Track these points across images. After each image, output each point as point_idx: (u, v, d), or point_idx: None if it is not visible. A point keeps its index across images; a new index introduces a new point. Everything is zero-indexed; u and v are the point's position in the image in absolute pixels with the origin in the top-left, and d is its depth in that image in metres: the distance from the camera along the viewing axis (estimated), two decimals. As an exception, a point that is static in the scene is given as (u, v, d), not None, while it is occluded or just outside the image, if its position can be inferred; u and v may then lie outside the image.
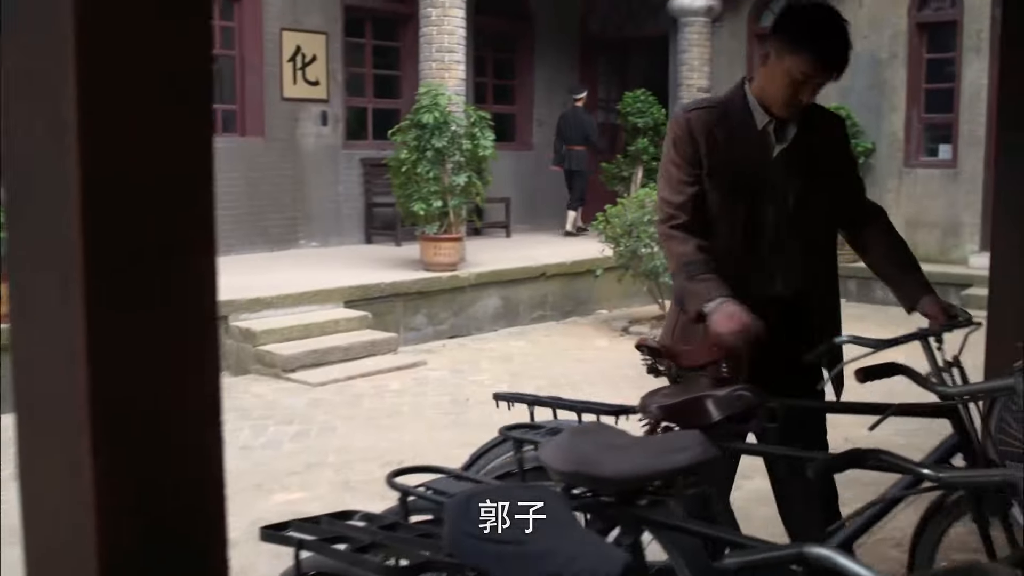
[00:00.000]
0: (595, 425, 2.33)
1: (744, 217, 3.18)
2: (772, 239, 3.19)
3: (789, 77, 3.04)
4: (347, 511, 2.22)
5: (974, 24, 12.33)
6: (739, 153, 3.17)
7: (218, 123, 11.90)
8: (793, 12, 3.15)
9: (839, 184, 3.32)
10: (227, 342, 8.35)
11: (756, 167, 3.18)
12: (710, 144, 3.15)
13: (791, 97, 3.09)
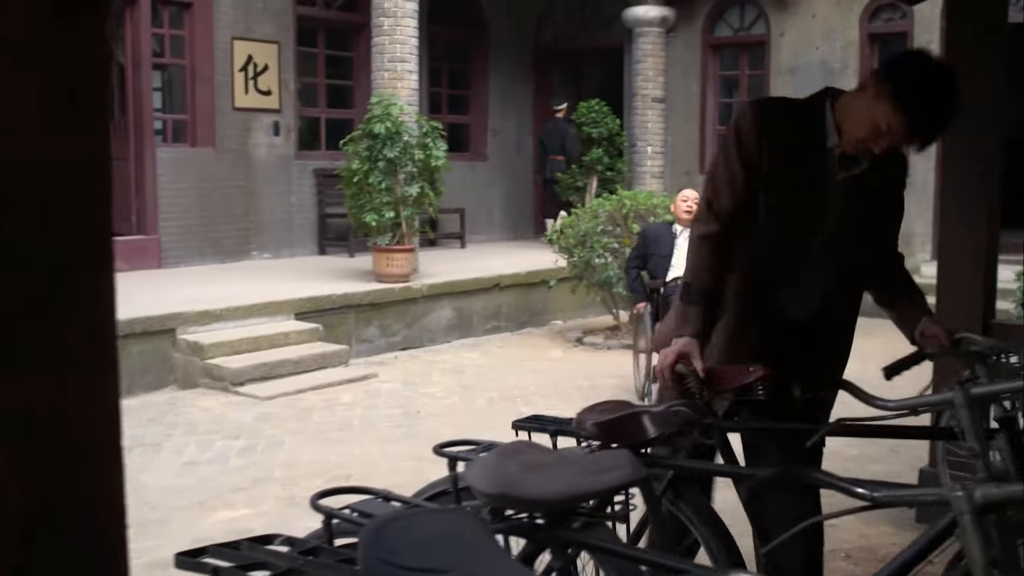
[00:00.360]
0: (523, 444, 2.28)
1: (787, 233, 3.02)
2: (809, 262, 3.03)
3: (874, 123, 2.79)
4: (268, 535, 2.15)
5: (924, 35, 12.43)
6: (803, 166, 2.97)
7: (168, 133, 11.78)
8: (914, 66, 2.83)
9: (886, 224, 3.20)
10: (175, 355, 8.23)
11: (815, 186, 2.98)
12: (776, 146, 2.94)
13: (866, 140, 2.86)
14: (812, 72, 13.43)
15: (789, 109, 3.05)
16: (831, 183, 2.97)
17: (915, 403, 2.71)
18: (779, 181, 2.94)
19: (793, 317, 3.06)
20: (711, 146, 14.62)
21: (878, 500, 1.94)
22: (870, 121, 2.80)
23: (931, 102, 2.75)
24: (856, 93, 2.89)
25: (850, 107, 2.89)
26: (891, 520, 5.02)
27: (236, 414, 7.38)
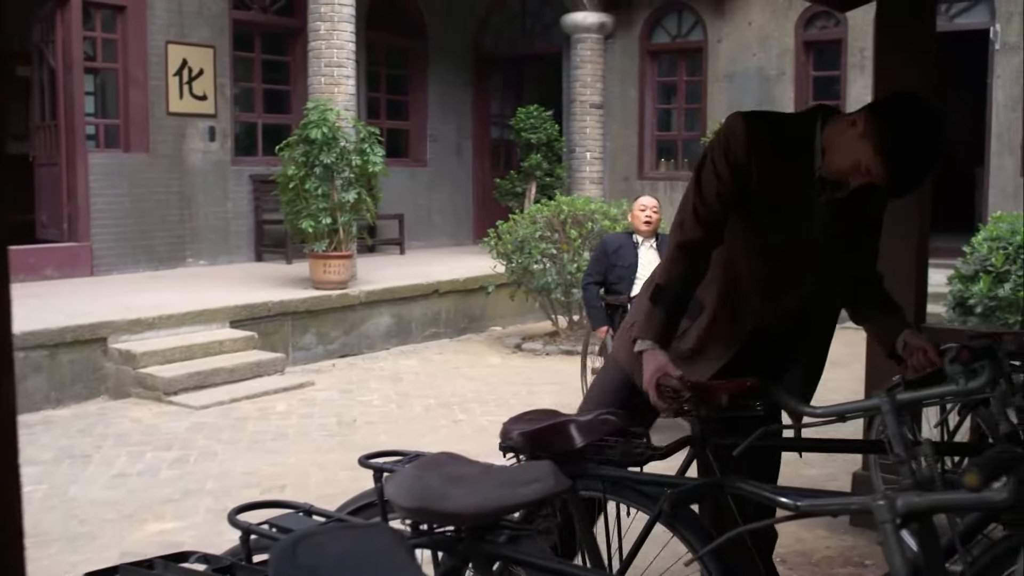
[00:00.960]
0: (446, 456, 2.23)
1: (770, 248, 2.99)
2: (790, 278, 3.01)
3: (856, 160, 2.76)
4: (183, 552, 2.08)
5: (857, 42, 12.60)
6: (788, 184, 2.93)
7: (101, 138, 11.58)
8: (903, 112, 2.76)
9: (865, 247, 3.15)
10: (106, 365, 8.08)
11: (799, 205, 2.95)
12: (764, 161, 2.89)
13: (845, 172, 2.83)
14: (749, 78, 13.56)
15: (780, 125, 3.01)
16: (815, 203, 2.94)
17: (842, 410, 2.70)
18: (767, 196, 2.91)
19: (771, 330, 3.05)
20: (649, 152, 14.69)
21: (802, 509, 1.92)
22: (852, 157, 2.76)
23: (913, 153, 2.70)
24: (846, 125, 2.82)
25: (837, 137, 2.85)
26: (826, 524, 5.04)
27: (168, 424, 7.25)
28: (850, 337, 11.36)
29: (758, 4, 13.60)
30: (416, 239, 14.73)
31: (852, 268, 3.14)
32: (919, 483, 2.16)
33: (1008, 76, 11.94)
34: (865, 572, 4.55)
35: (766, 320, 3.04)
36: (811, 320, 3.13)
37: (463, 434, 7.06)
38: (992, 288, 6.34)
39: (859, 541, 4.86)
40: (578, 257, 9.81)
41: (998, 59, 12.01)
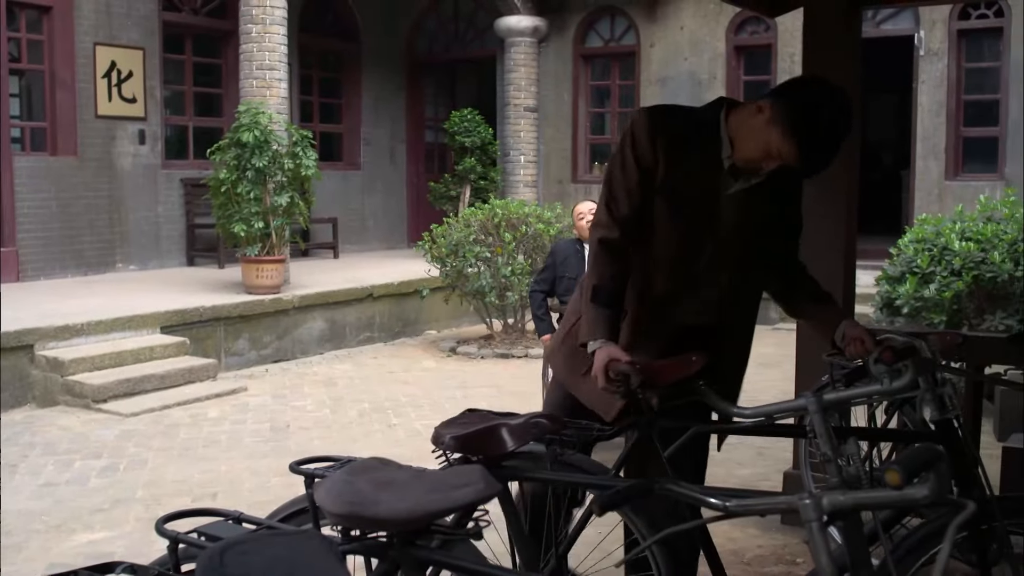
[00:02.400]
0: (376, 461, 2.22)
1: (684, 242, 3.02)
2: (706, 271, 3.04)
3: (767, 145, 2.83)
4: (110, 563, 2.05)
5: (787, 48, 12.77)
6: (697, 176, 2.97)
7: (27, 141, 11.36)
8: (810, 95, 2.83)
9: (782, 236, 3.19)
10: (33, 372, 7.93)
11: (709, 196, 2.99)
12: (671, 154, 2.93)
13: (756, 160, 2.90)
14: (681, 82, 13.68)
15: (684, 118, 3.03)
16: (720, 195, 2.99)
17: (770, 411, 2.73)
18: (674, 189, 2.95)
19: (689, 324, 3.07)
20: (583, 155, 14.76)
21: (730, 510, 1.94)
22: (763, 143, 2.83)
23: (823, 133, 2.76)
24: (752, 112, 2.88)
25: (744, 125, 2.90)
26: (757, 523, 5.10)
27: (98, 432, 7.13)
28: (781, 338, 11.54)
29: (690, 9, 13.74)
30: (350, 243, 14.66)
31: (770, 258, 3.19)
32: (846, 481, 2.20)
33: (932, 82, 12.19)
34: (796, 570, 4.60)
35: (687, 316, 3.07)
36: (730, 315, 3.17)
37: (397, 439, 7.03)
38: (918, 289, 6.46)
39: (790, 539, 4.92)
40: (512, 260, 9.83)
41: (922, 65, 12.26)
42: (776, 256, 3.20)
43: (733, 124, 2.93)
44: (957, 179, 12.17)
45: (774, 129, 2.78)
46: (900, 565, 2.53)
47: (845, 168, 5.01)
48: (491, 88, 15.72)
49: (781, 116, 2.76)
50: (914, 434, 3.54)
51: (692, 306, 3.07)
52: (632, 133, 2.97)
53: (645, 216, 2.98)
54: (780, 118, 2.76)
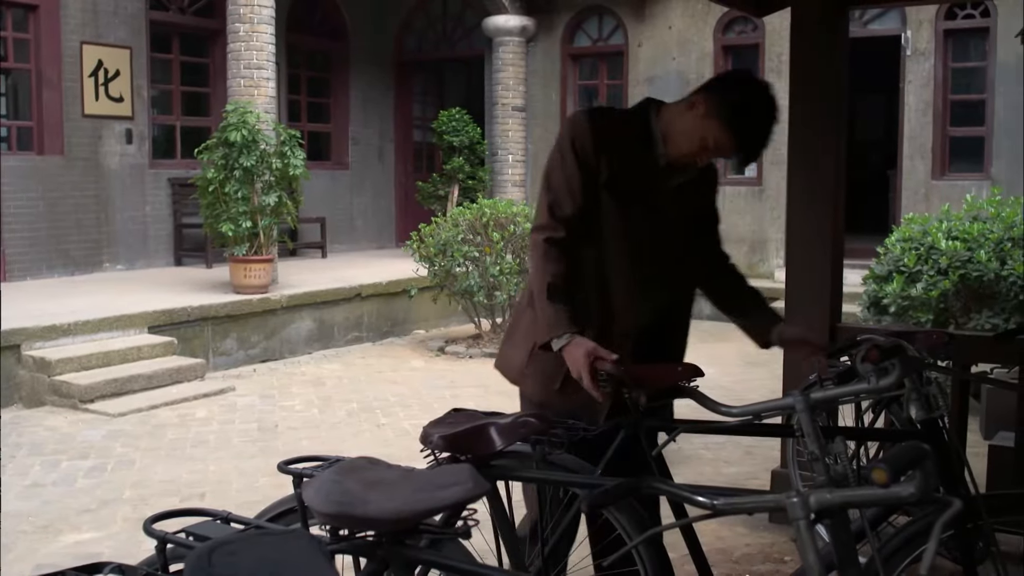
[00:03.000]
0: (365, 460, 2.22)
1: (626, 241, 3.07)
2: (655, 268, 3.11)
3: (703, 139, 2.96)
4: (98, 563, 2.04)
5: (775, 47, 12.80)
6: (634, 174, 3.06)
7: (13, 140, 11.32)
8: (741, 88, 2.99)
9: (710, 226, 3.33)
10: (20, 372, 7.91)
11: (646, 194, 3.08)
12: (610, 154, 3.01)
13: (692, 154, 3.02)
14: (669, 82, 13.69)
15: (619, 118, 3.12)
16: (660, 191, 3.08)
17: (758, 409, 2.74)
18: (619, 187, 3.02)
19: (630, 324, 3.10)
20: (572, 155, 14.74)
21: (717, 508, 1.94)
22: (699, 137, 2.95)
23: (757, 123, 2.93)
24: (683, 109, 3.00)
25: (676, 121, 3.01)
26: (745, 522, 5.12)
27: (85, 432, 7.11)
28: (769, 337, 11.42)
29: (678, 9, 13.75)
30: (338, 242, 14.64)
31: (704, 252, 3.31)
32: (833, 480, 2.21)
33: (919, 81, 12.23)
34: (784, 568, 4.62)
35: (642, 316, 3.12)
36: (676, 312, 3.26)
37: (386, 438, 7.03)
38: (905, 288, 6.47)
39: (778, 538, 4.94)
40: (501, 260, 9.83)
41: (909, 65, 12.29)
42: (706, 248, 3.33)
43: (664, 122, 3.04)
44: (944, 178, 12.21)
45: (710, 123, 2.92)
46: (887, 563, 2.55)
47: (833, 168, 5.03)
48: (479, 87, 15.72)
49: (716, 110, 2.91)
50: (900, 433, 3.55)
51: (646, 305, 3.13)
52: (572, 135, 3.03)
53: (588, 217, 3.02)
54: (715, 112, 2.91)
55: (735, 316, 3.35)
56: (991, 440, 5.44)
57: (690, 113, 2.97)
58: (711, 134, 2.93)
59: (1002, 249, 6.34)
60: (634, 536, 2.75)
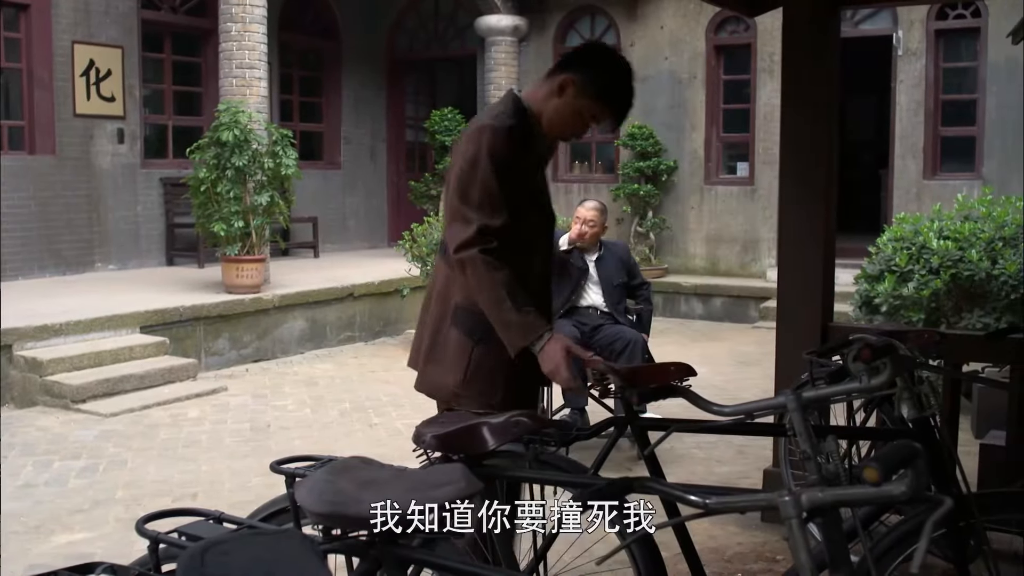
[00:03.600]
0: (357, 460, 2.23)
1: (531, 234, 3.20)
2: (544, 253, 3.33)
3: (582, 117, 3.19)
4: (90, 563, 2.04)
5: (766, 47, 12.82)
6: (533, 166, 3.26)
7: (3, 140, 11.29)
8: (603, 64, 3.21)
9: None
10: (11, 372, 7.89)
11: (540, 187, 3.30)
12: (519, 155, 3.09)
13: (569, 133, 3.27)
14: (661, 81, 13.71)
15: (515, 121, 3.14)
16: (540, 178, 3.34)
17: (750, 408, 2.74)
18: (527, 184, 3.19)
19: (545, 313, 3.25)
20: (564, 154, 14.78)
21: (710, 507, 1.95)
22: (575, 114, 3.18)
23: (626, 91, 3.22)
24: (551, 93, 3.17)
25: (549, 105, 3.18)
26: (738, 521, 5.12)
27: (77, 433, 7.10)
28: (760, 336, 11.59)
29: (670, 8, 13.77)
30: (330, 242, 14.63)
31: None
32: (825, 478, 2.22)
33: (910, 81, 12.26)
34: (776, 567, 4.63)
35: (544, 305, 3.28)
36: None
37: (379, 438, 7.03)
38: (896, 287, 6.49)
39: (770, 537, 4.95)
40: (493, 259, 9.82)
41: (901, 65, 12.32)
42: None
43: (537, 109, 3.19)
44: (935, 178, 12.24)
45: (585, 102, 3.14)
46: (879, 562, 2.55)
47: (825, 168, 5.04)
48: (472, 87, 15.71)
49: (590, 89, 3.13)
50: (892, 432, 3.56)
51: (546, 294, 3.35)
52: (490, 148, 3.02)
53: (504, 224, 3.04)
54: (590, 91, 3.13)
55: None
56: (982, 439, 5.46)
57: (563, 94, 3.14)
58: (588, 111, 3.17)
59: (993, 248, 6.36)
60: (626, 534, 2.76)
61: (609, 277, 6.70)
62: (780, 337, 5.25)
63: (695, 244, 13.65)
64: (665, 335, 11.06)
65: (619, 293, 6.72)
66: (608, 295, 6.67)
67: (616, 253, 6.85)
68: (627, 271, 6.81)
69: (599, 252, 6.77)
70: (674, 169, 13.57)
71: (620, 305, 6.70)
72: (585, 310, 6.68)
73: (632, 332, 6.47)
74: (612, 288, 6.68)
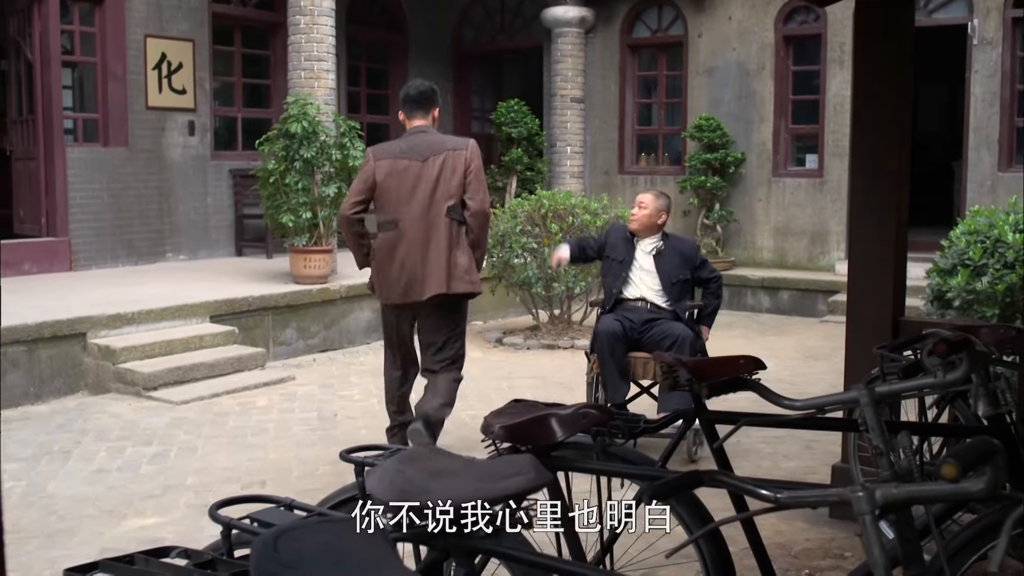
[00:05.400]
0: (427, 450, 2.24)
1: None
2: None
3: None
4: (164, 547, 2.07)
5: (837, 37, 12.63)
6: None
7: (79, 132, 11.51)
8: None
9: None
10: (85, 360, 8.05)
11: None
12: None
13: None
14: (729, 72, 13.59)
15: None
16: None
17: (821, 403, 2.72)
18: None
19: None
20: (630, 146, 14.71)
21: (781, 501, 1.93)
22: None
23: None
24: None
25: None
26: (805, 516, 5.07)
27: (148, 420, 7.22)
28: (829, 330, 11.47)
29: (738, -1, 13.64)
30: (397, 234, 14.68)
31: None
32: (897, 474, 2.18)
33: (986, 71, 12.01)
34: (844, 564, 4.57)
35: None
36: None
37: (444, 428, 7.04)
38: (970, 282, 6.36)
39: (838, 533, 4.89)
40: (559, 251, 9.81)
41: (976, 54, 12.07)
42: None
43: None
44: (1011, 170, 11.97)
45: None
46: (952, 560, 2.51)
47: (897, 160, 4.96)
48: (538, 79, 15.69)
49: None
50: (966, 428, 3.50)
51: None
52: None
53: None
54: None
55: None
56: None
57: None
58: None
59: (1071, 242, 6.20)
60: (694, 529, 2.75)
61: (668, 272, 6.44)
62: (850, 331, 5.18)
63: (762, 237, 13.52)
64: (731, 328, 10.97)
65: (679, 290, 6.44)
66: (665, 290, 6.42)
67: (679, 248, 6.56)
68: (691, 268, 6.49)
69: (659, 244, 6.53)
70: (741, 161, 13.44)
71: (680, 303, 6.43)
72: (633, 303, 6.45)
73: (682, 328, 6.20)
74: (671, 285, 6.41)
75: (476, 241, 5.89)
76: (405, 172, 5.79)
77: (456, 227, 5.78)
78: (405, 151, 5.86)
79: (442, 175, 5.76)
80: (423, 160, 5.78)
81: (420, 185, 5.77)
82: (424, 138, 5.89)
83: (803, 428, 3.64)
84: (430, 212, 5.75)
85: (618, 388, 6.11)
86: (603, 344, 6.14)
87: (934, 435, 3.90)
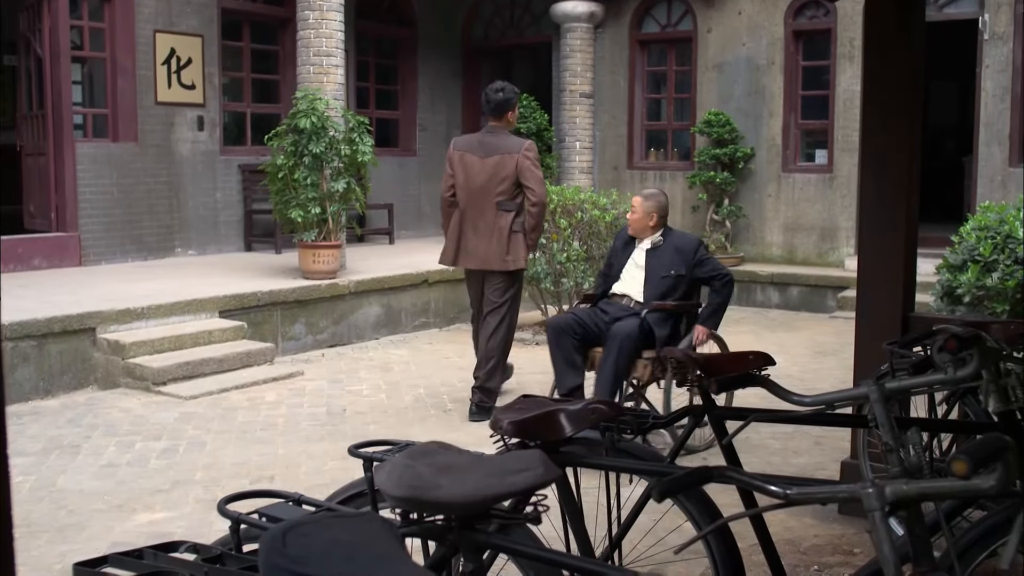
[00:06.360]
0: (436, 445, 2.23)
1: None
2: None
3: None
4: (173, 542, 2.08)
5: (847, 32, 12.60)
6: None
7: (88, 127, 11.54)
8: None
9: None
10: (95, 355, 8.06)
11: None
12: None
13: None
14: (739, 68, 13.56)
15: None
16: None
17: (831, 399, 2.71)
18: None
19: None
20: (639, 141, 14.69)
21: (791, 498, 1.92)
22: None
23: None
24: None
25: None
26: (814, 513, 5.07)
27: (158, 414, 7.24)
28: (838, 326, 11.44)
29: (748, -6, 13.60)
30: (405, 228, 14.72)
31: None
32: (907, 471, 2.17)
33: (997, 66, 11.96)
34: (853, 560, 4.56)
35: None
36: None
37: (453, 424, 7.06)
38: (980, 277, 6.34)
39: (847, 529, 4.88)
40: (568, 247, 9.81)
41: (987, 49, 12.02)
42: None
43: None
44: (1022, 166, 11.93)
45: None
46: (962, 557, 2.50)
47: (907, 155, 4.94)
48: (547, 74, 15.68)
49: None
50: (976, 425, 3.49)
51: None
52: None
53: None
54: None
55: None
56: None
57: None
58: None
59: (1082, 238, 6.18)
60: (703, 525, 2.74)
61: (656, 268, 6.35)
62: (860, 327, 5.17)
63: (772, 232, 13.49)
64: (741, 324, 10.95)
65: (666, 285, 6.30)
66: (650, 285, 6.33)
67: (676, 244, 6.42)
68: (687, 265, 6.31)
69: (655, 242, 6.47)
70: (751, 156, 13.41)
71: (666, 300, 6.29)
72: (618, 299, 6.46)
73: (626, 328, 6.08)
74: (658, 280, 6.31)
75: (534, 225, 7.10)
76: (471, 165, 7.14)
77: (504, 216, 7.07)
78: (474, 147, 7.19)
79: (495, 172, 7.04)
80: (485, 157, 7.08)
81: (479, 177, 7.10)
82: (491, 138, 7.15)
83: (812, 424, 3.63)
84: (484, 201, 7.09)
85: (564, 377, 6.27)
86: (549, 335, 6.39)
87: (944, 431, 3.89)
